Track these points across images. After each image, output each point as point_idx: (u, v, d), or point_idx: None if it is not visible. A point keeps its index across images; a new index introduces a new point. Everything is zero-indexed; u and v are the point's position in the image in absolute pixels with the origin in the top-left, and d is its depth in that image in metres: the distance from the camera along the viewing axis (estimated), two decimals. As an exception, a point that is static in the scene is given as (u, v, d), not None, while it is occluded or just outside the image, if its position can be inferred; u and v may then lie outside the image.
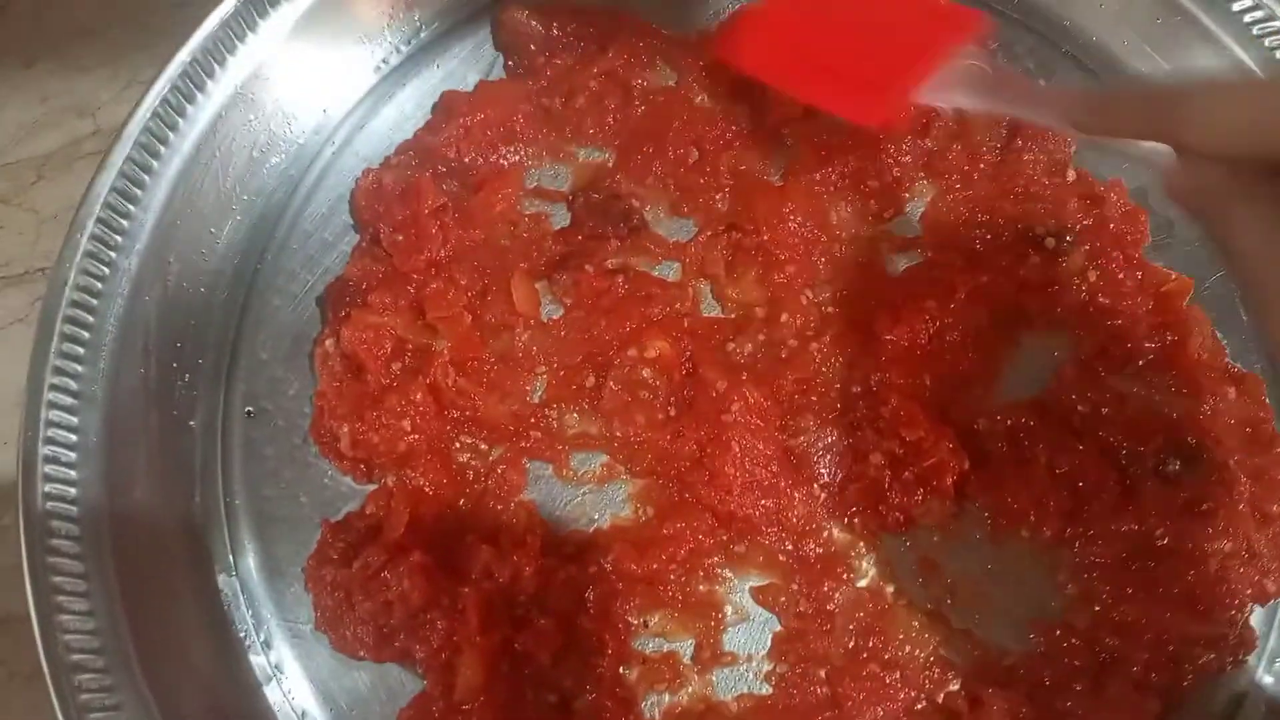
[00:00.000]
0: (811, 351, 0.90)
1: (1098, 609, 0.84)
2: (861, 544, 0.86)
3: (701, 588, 0.84)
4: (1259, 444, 0.87)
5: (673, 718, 0.81)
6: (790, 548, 0.85)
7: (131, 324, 0.85)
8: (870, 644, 0.82)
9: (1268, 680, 0.85)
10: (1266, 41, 0.94)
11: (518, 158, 0.96)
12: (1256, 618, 0.85)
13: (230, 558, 0.85)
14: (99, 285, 0.83)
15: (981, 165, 0.96)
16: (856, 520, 0.86)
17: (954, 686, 0.82)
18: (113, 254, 0.85)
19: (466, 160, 0.94)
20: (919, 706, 0.81)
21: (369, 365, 0.86)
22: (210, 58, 0.90)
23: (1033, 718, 0.79)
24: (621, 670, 0.81)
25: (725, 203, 0.95)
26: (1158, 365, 0.90)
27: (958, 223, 0.95)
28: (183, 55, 0.89)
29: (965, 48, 0.85)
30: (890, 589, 0.85)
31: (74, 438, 0.80)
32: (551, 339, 0.90)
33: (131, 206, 0.86)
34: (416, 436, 0.84)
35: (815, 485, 0.86)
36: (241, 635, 0.84)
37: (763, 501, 0.85)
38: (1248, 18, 0.94)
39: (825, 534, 0.86)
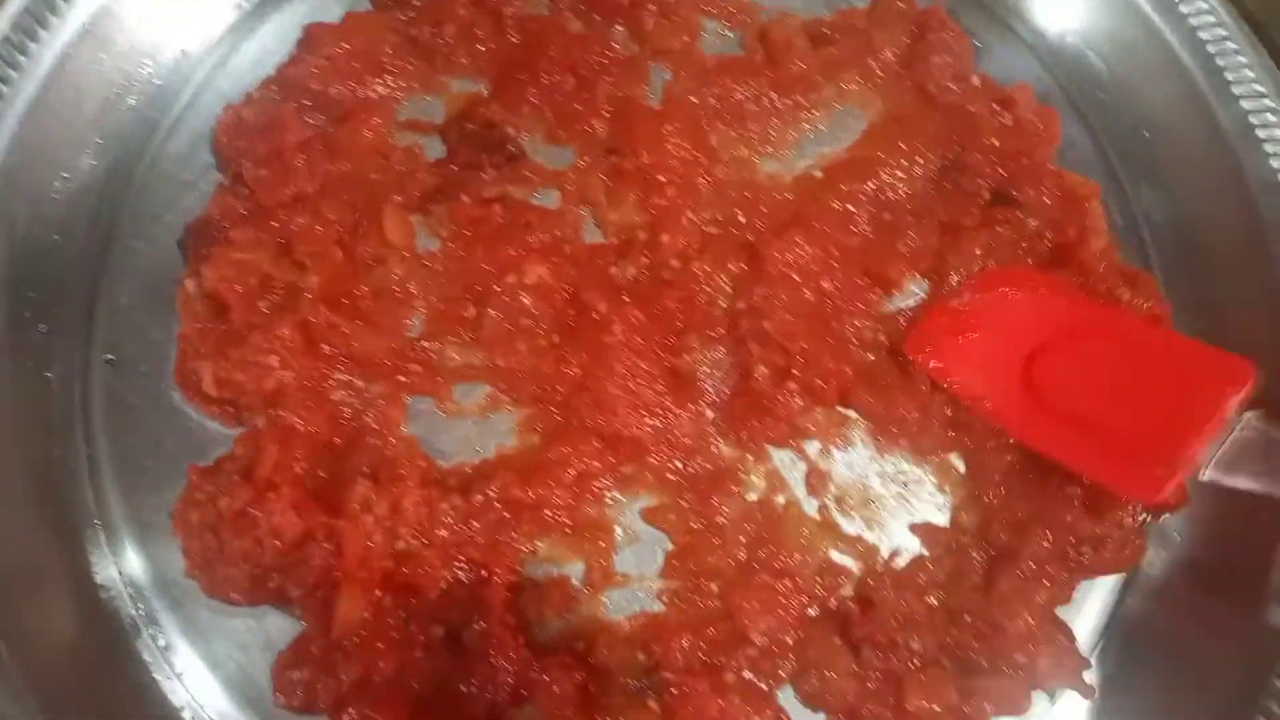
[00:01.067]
0: (694, 271, 0.89)
1: (987, 507, 0.85)
2: (749, 458, 0.85)
3: (590, 511, 0.82)
4: None
5: (565, 641, 0.79)
6: (679, 465, 0.84)
7: (-23, 274, 0.80)
8: (761, 555, 0.82)
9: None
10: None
11: (387, 90, 0.93)
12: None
13: (94, 511, 0.81)
14: (-60, 236, 0.79)
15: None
16: (744, 434, 0.85)
17: (846, 591, 0.81)
18: (-47, 203, 0.81)
19: (332, 93, 0.92)
20: (812, 613, 0.80)
21: (233, 304, 0.82)
22: (52, -7, 0.86)
23: (924, 616, 0.80)
24: (511, 599, 0.79)
25: (604, 128, 0.94)
26: (1058, 264, 0.91)
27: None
28: (21, -10, 0.85)
29: (1238, 407, 0.72)
30: (780, 500, 0.84)
31: (-83, 394, 0.76)
32: (428, 272, 0.88)
33: (-29, 152, 0.82)
34: (285, 374, 0.81)
35: (702, 402, 0.85)
36: (109, 589, 0.79)
37: (649, 421, 0.84)
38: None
39: (713, 450, 0.85)
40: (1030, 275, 0.87)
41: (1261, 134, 0.89)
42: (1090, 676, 0.81)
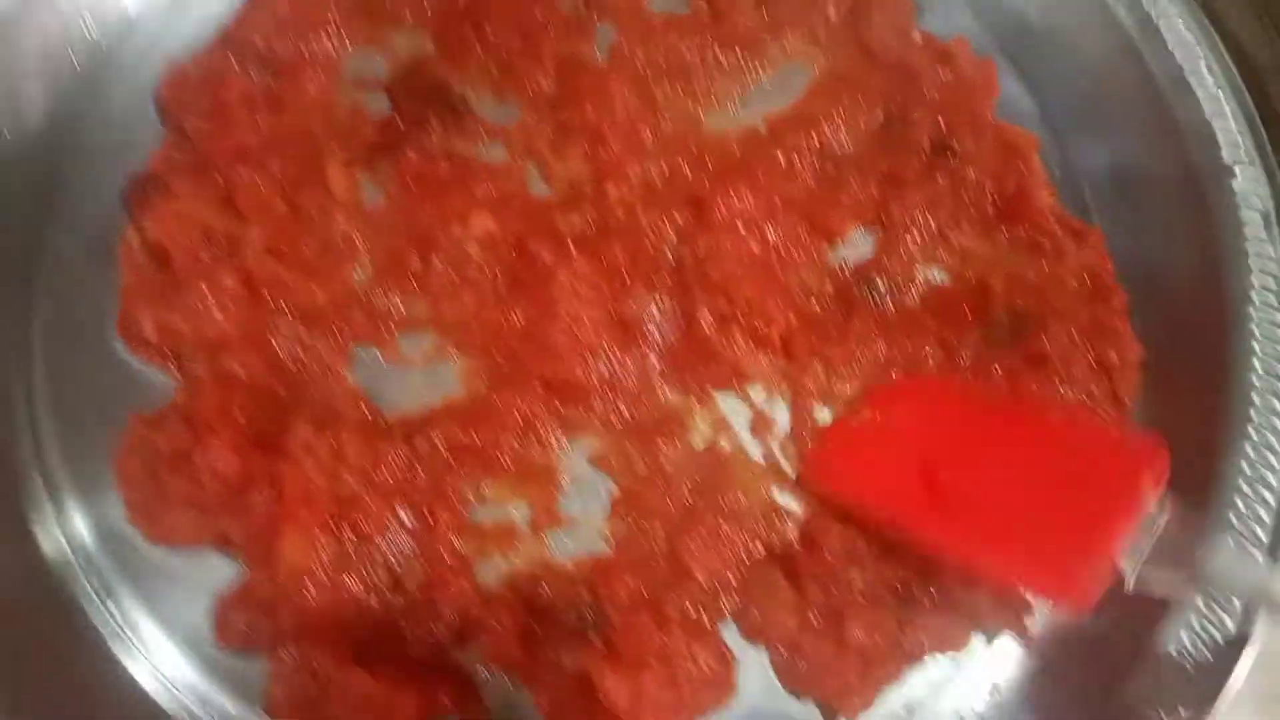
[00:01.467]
0: (640, 222, 0.89)
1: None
2: (695, 404, 0.86)
3: (536, 456, 0.83)
4: (1098, 295, 0.89)
5: (510, 583, 0.79)
6: (624, 411, 0.84)
7: (-84, 228, 0.80)
8: (707, 499, 0.82)
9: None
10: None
11: (333, 47, 0.94)
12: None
13: (34, 464, 0.81)
14: (-122, 188, 0.79)
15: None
16: (689, 380, 0.86)
17: (790, 531, 0.82)
18: (-108, 156, 0.80)
19: (278, 50, 0.92)
20: (756, 553, 0.81)
21: (175, 255, 0.82)
22: (-7, -49, 0.86)
23: (866, 553, 0.80)
24: (455, 542, 0.79)
25: (550, 85, 0.95)
26: (1005, 217, 0.92)
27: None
28: (-40, -53, 0.85)
29: (1156, 495, 0.69)
30: (725, 445, 0.85)
31: None
32: (373, 224, 0.88)
33: (-89, 105, 0.82)
34: (227, 322, 0.81)
35: (647, 349, 0.86)
36: (50, 541, 0.79)
37: (595, 367, 0.84)
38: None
39: (659, 396, 0.85)
40: (929, 384, 0.84)
41: (1193, 81, 0.91)
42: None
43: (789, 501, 0.83)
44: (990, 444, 0.77)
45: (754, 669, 0.78)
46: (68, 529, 0.80)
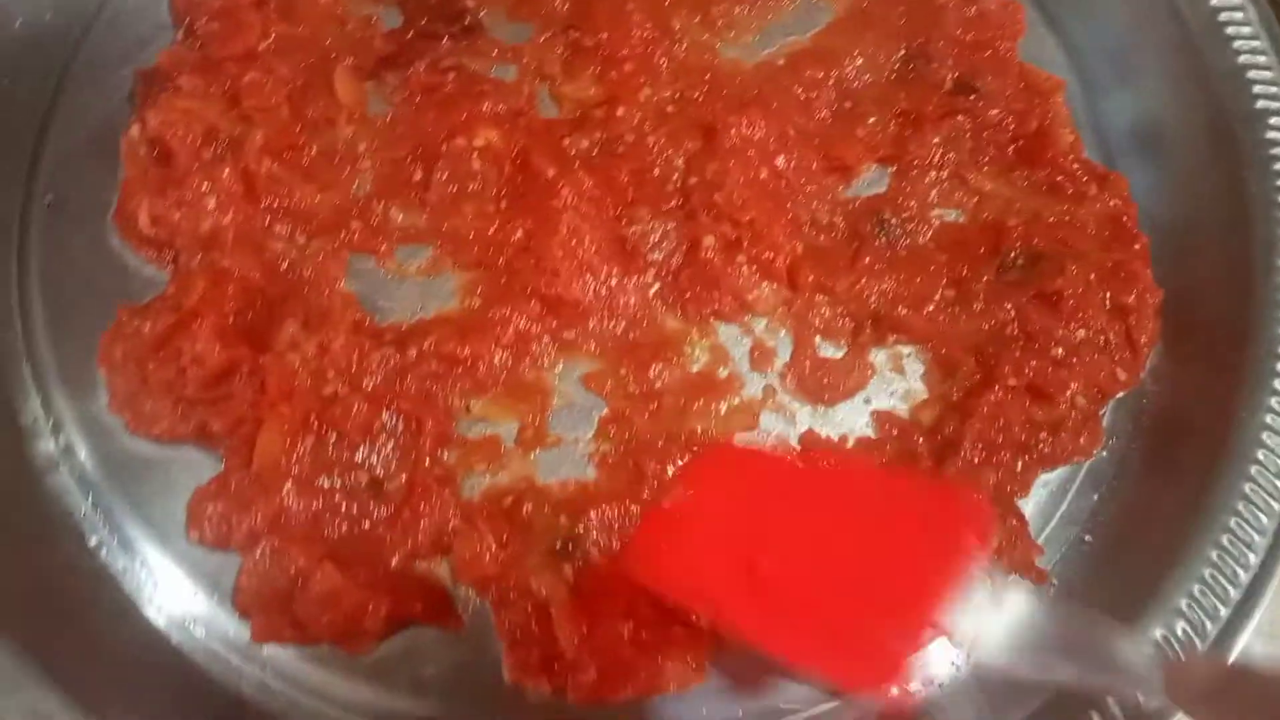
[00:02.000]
0: (649, 144, 0.87)
1: (942, 403, 0.83)
2: (694, 331, 0.83)
3: (529, 375, 0.81)
4: (1119, 239, 0.86)
5: (493, 498, 0.77)
6: (620, 333, 0.82)
7: (-79, 113, 0.80)
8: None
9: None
10: None
11: (346, -41, 0.93)
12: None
13: (25, 352, 0.80)
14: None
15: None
16: (690, 306, 0.83)
17: (786, 463, 0.79)
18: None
19: (292, -43, 0.91)
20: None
21: (177, 150, 0.81)
22: None
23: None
24: (440, 452, 0.77)
25: (565, 6, 0.93)
26: (1025, 159, 0.89)
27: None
28: None
29: (980, 558, 0.63)
30: (723, 372, 0.82)
31: None
32: (376, 133, 0.87)
33: (-77, -7, 0.82)
34: (223, 217, 0.80)
35: (649, 273, 0.84)
36: (35, 431, 0.78)
37: (593, 286, 0.82)
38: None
39: (657, 320, 0.83)
40: (742, 452, 0.78)
41: (1230, 30, 0.88)
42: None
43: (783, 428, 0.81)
44: (811, 525, 0.68)
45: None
46: (53, 421, 0.79)
